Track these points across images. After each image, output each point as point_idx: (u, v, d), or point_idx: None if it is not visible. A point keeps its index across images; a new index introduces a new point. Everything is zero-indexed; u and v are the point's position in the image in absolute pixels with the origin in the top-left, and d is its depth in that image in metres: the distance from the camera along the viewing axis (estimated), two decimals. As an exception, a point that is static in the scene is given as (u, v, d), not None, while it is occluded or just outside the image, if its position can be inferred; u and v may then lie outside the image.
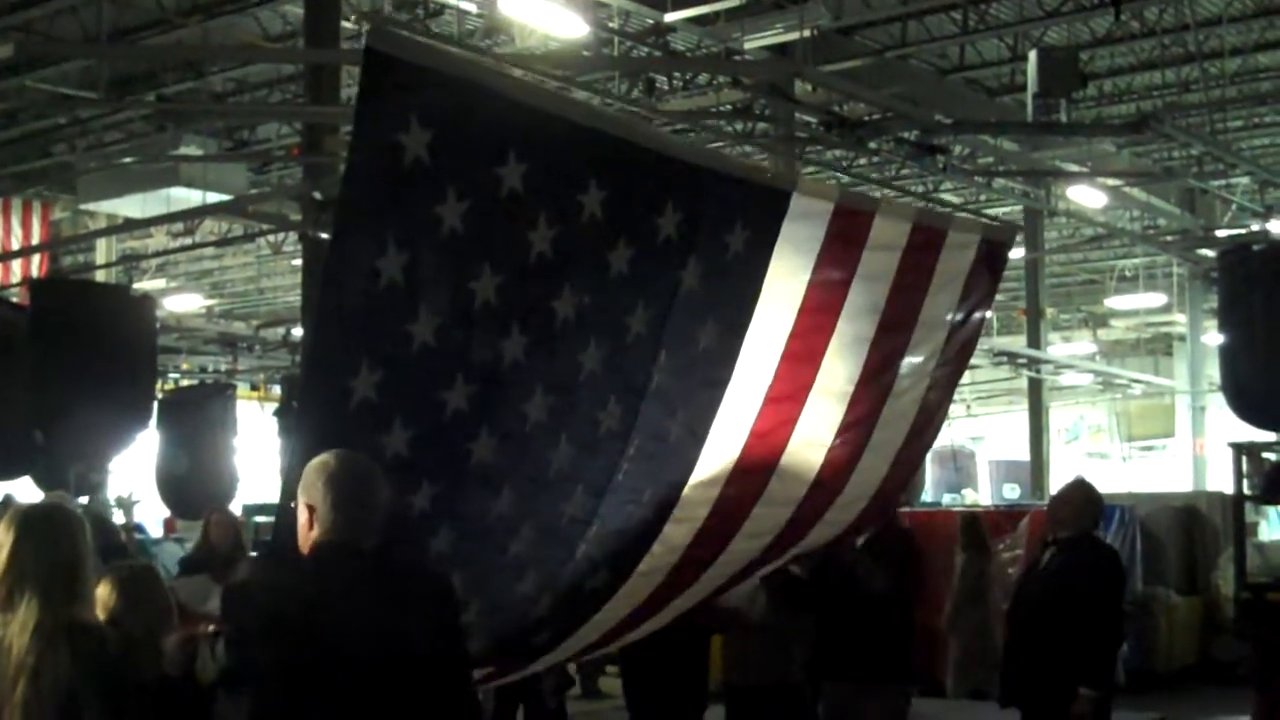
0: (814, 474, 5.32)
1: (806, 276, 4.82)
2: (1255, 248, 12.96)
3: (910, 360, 5.41)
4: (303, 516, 3.75)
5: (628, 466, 4.58)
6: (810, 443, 5.21)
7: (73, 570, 4.04)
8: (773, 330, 4.82)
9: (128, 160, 19.77)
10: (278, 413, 16.14)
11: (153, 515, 18.06)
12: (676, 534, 4.96)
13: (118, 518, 11.26)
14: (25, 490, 13.28)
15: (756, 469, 5.09)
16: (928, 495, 20.44)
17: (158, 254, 24.54)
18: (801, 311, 4.86)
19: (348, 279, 3.71)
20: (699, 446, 4.82)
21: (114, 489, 12.24)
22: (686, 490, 4.87)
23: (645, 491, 4.75)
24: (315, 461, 3.72)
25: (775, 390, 4.94)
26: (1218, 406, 19.79)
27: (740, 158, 12.76)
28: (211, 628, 4.37)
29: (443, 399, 3.92)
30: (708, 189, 4.41)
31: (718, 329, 4.64)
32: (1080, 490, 7.32)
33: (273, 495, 5.21)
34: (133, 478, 16.16)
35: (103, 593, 4.53)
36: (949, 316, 5.47)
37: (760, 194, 4.66)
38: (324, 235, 11.77)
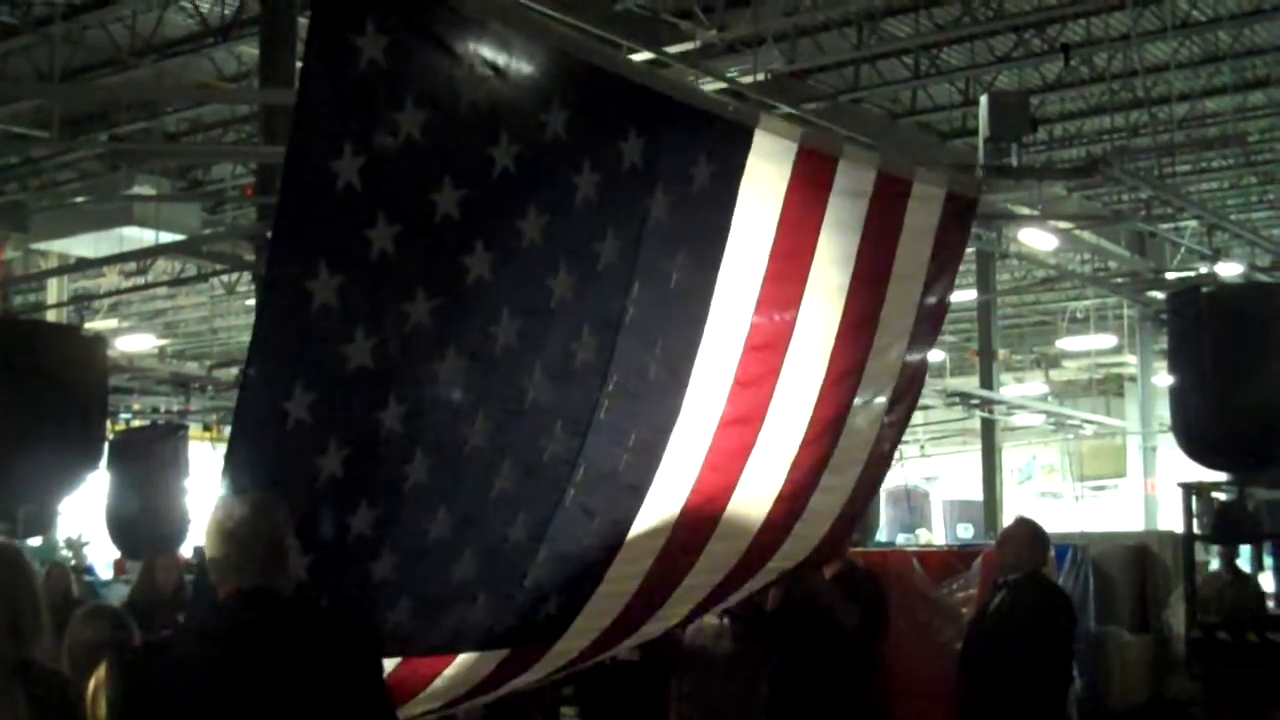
0: (803, 432, 5.27)
1: (775, 218, 4.81)
2: (1204, 290, 13.11)
3: (887, 315, 5.37)
4: (211, 568, 3.66)
5: (608, 404, 4.51)
6: (795, 401, 5.16)
7: (28, 611, 3.96)
8: (746, 274, 4.80)
9: (80, 199, 19.67)
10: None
11: (103, 556, 17.89)
12: (663, 503, 4.92)
13: (67, 559, 11.16)
14: (-27, 532, 13.14)
15: (743, 422, 5.04)
16: (882, 535, 20.50)
17: (110, 294, 24.40)
18: (773, 256, 4.85)
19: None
20: (682, 391, 4.76)
21: (64, 530, 12.15)
22: (671, 443, 4.80)
23: (630, 434, 4.68)
24: (215, 510, 3.65)
25: (754, 339, 4.92)
26: (1169, 446, 19.95)
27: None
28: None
29: (406, 312, 3.85)
30: (669, 117, 4.39)
31: (689, 263, 4.60)
32: (1023, 529, 7.38)
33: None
34: (83, 519, 16.04)
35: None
36: (921, 272, 5.45)
37: (723, 127, 4.63)
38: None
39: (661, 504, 4.92)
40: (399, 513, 4.08)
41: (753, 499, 5.28)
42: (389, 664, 4.32)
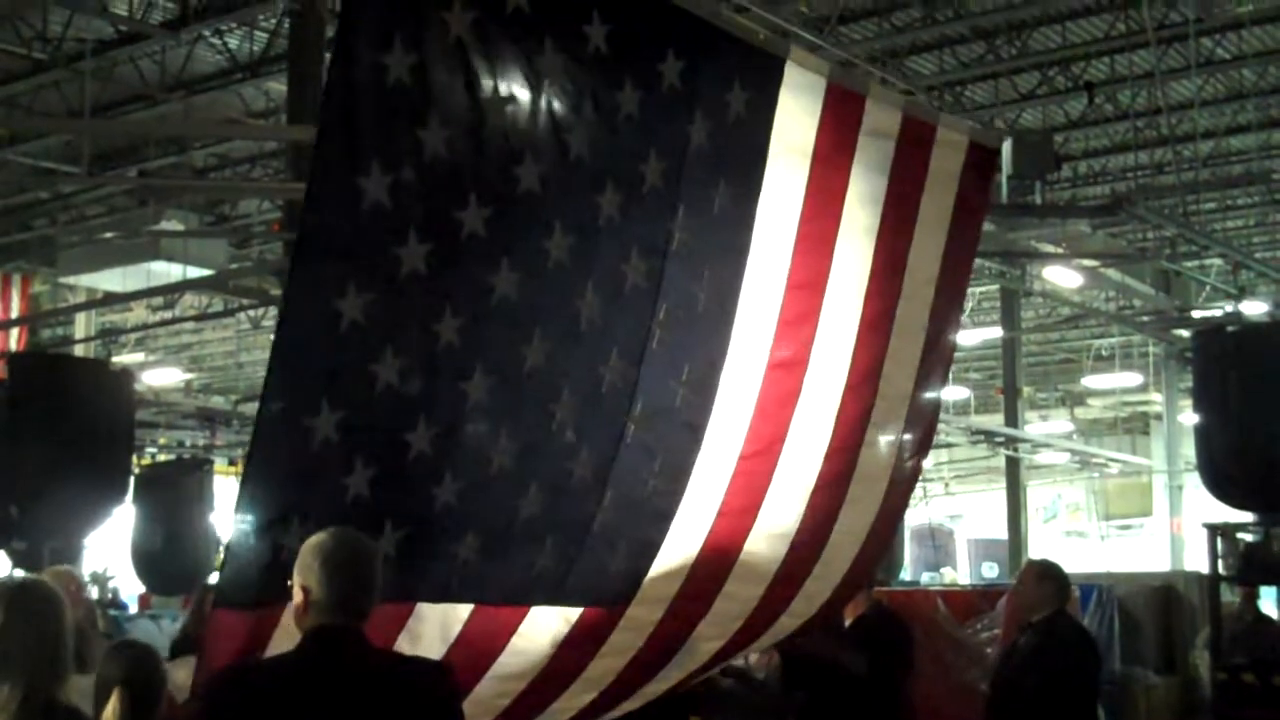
0: (844, 378, 5.22)
1: (809, 152, 4.84)
2: (1229, 329, 13.05)
3: (914, 260, 5.35)
4: (297, 598, 3.67)
5: (661, 334, 4.52)
6: (836, 344, 5.14)
7: (57, 649, 3.96)
8: (784, 208, 4.82)
9: (108, 234, 19.81)
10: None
11: (128, 591, 17.93)
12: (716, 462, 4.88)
13: (92, 593, 11.19)
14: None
15: (788, 365, 5.02)
16: (906, 573, 20.43)
17: (137, 328, 24.53)
18: (809, 191, 4.87)
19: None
20: (730, 324, 4.76)
21: (89, 564, 12.17)
22: (723, 382, 4.79)
23: (684, 367, 4.68)
24: (311, 541, 3.67)
25: (795, 277, 4.93)
26: (1194, 485, 19.83)
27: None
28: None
29: (458, 219, 3.87)
30: (704, 41, 4.45)
31: (730, 192, 4.63)
32: (1029, 569, 7.41)
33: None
34: (108, 553, 16.10)
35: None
36: (946, 219, 5.43)
37: (756, 56, 4.69)
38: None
39: (718, 450, 4.89)
40: (461, 438, 4.08)
41: (800, 459, 5.22)
42: (463, 613, 4.35)
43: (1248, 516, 11.51)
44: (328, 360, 3.75)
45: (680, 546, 4.94)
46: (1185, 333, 21.32)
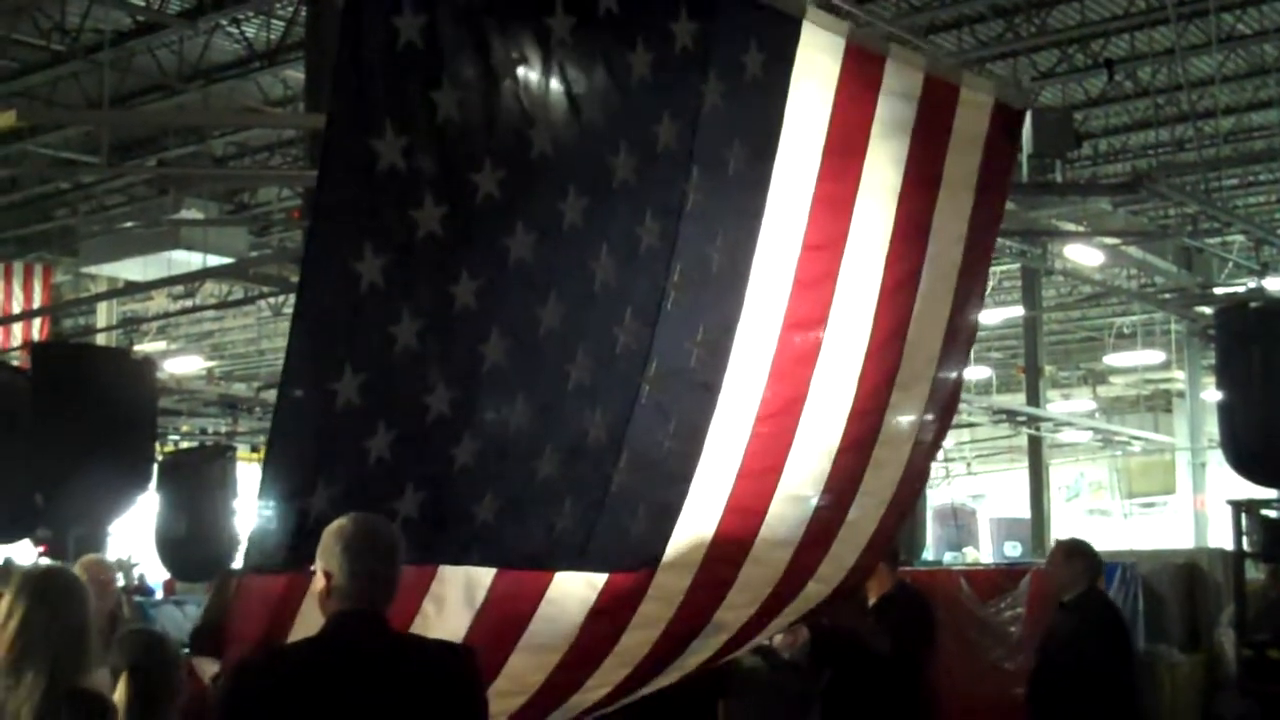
0: (865, 342, 5.16)
1: (827, 114, 4.82)
2: (1252, 305, 13.02)
3: (939, 221, 5.30)
4: (320, 582, 3.70)
5: (675, 295, 4.52)
6: (856, 305, 5.10)
7: (80, 638, 3.98)
8: (801, 169, 4.80)
9: (129, 224, 19.89)
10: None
11: (152, 577, 18.05)
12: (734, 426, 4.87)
13: (117, 580, 11.26)
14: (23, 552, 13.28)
15: (805, 325, 4.99)
16: (929, 553, 20.40)
17: (158, 317, 24.61)
18: (826, 153, 4.84)
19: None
20: (744, 287, 4.75)
21: (113, 552, 12.23)
22: (738, 343, 4.77)
23: (699, 328, 4.68)
24: (332, 525, 3.69)
25: (812, 238, 4.90)
26: (1218, 463, 19.79)
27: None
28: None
29: (474, 181, 3.88)
30: (719, 1, 4.44)
31: (745, 154, 4.62)
32: (1057, 549, 7.41)
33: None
34: (133, 541, 16.18)
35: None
36: (972, 180, 5.37)
37: (771, 15, 4.66)
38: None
39: (735, 412, 4.88)
40: (479, 400, 4.10)
41: (822, 421, 5.18)
42: (486, 578, 4.36)
43: (1272, 493, 11.48)
44: (348, 322, 3.77)
45: (702, 510, 4.92)
46: (1207, 310, 21.21)
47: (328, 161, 3.75)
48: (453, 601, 4.31)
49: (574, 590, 4.68)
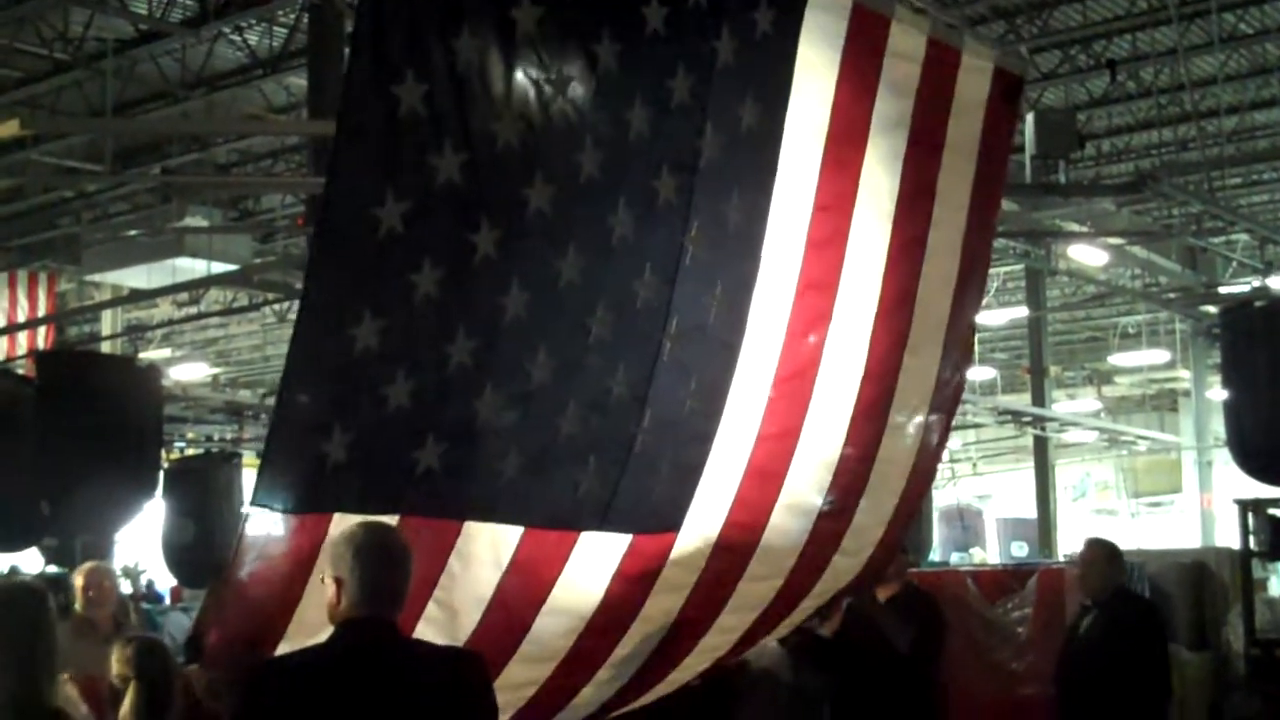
0: (875, 303, 5.16)
1: (834, 74, 4.83)
2: (1257, 304, 12.98)
3: (943, 186, 5.30)
4: (330, 590, 3.70)
5: (693, 250, 4.51)
6: (865, 267, 5.10)
7: (36, 650, 3.86)
8: (810, 129, 4.81)
9: (133, 232, 19.88)
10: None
11: (162, 584, 18.08)
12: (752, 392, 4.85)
13: (124, 588, 11.27)
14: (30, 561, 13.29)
15: (818, 287, 4.98)
16: (935, 554, 20.38)
17: (163, 324, 24.65)
18: (834, 113, 4.86)
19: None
20: (759, 244, 4.75)
21: (120, 559, 12.23)
22: (755, 302, 4.77)
23: (716, 284, 4.67)
24: (344, 533, 3.68)
25: (822, 198, 4.91)
26: (1224, 462, 19.76)
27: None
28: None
29: (493, 130, 3.88)
30: None
31: (758, 109, 4.62)
32: (1100, 551, 7.40)
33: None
34: (140, 548, 16.18)
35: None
36: (974, 145, 5.39)
37: None
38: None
39: (753, 373, 4.86)
40: (501, 351, 4.07)
41: (837, 384, 5.17)
42: (513, 537, 4.33)
43: (1278, 491, 11.46)
44: (368, 268, 3.73)
45: (722, 472, 4.90)
46: (1212, 309, 21.23)
47: (348, 105, 3.72)
48: (479, 560, 4.29)
49: (600, 552, 4.65)
